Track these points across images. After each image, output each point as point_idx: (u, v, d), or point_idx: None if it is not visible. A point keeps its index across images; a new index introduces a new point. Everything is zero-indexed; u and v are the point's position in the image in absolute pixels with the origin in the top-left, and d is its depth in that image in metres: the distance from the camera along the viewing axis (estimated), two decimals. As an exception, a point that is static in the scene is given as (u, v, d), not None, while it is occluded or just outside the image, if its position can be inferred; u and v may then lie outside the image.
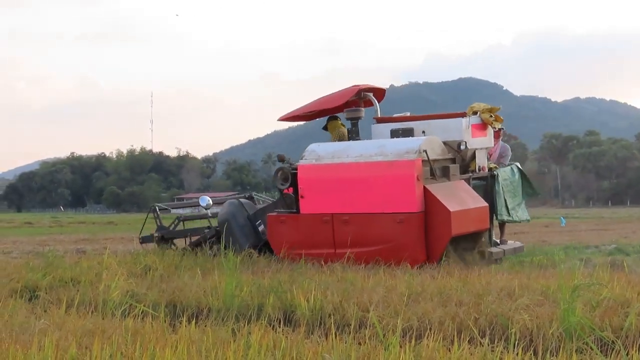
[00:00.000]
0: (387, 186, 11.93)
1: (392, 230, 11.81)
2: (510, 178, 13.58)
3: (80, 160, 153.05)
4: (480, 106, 13.34)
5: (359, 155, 12.42)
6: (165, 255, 12.77)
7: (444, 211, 11.55)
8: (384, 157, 12.10)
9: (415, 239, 11.65)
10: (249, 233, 14.14)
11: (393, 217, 11.82)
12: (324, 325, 7.09)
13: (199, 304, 8.36)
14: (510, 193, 13.45)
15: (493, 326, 6.69)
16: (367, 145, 12.72)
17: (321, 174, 12.65)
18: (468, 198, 12.23)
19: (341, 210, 12.31)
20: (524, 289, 8.24)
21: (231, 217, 14.44)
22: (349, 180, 12.33)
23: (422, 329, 6.61)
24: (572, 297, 6.41)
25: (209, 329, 6.33)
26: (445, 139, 12.71)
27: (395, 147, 12.25)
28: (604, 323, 6.38)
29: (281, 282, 8.74)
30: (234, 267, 9.08)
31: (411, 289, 8.40)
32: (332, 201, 12.46)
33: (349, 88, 14.07)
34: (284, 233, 12.83)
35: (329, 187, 12.52)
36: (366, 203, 12.11)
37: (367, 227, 12.08)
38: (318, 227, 12.47)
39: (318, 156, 12.81)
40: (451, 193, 11.99)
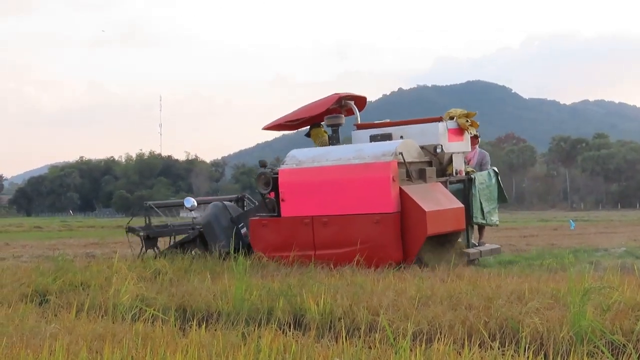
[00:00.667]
0: (364, 188, 12.26)
1: (369, 231, 12.11)
2: (487, 182, 13.96)
3: (89, 164, 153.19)
4: (457, 111, 13.70)
5: (337, 159, 12.80)
6: (175, 260, 12.80)
7: (420, 211, 11.86)
8: (361, 160, 12.46)
9: (392, 239, 11.96)
10: (231, 235, 14.34)
11: (370, 217, 12.15)
12: (334, 329, 7.09)
13: (209, 308, 8.36)
14: (486, 197, 13.86)
15: (503, 330, 6.67)
16: (346, 150, 13.09)
17: (301, 178, 13.01)
18: (444, 199, 12.55)
19: (320, 213, 12.67)
20: (534, 293, 8.22)
21: (214, 219, 14.83)
22: (327, 183, 12.67)
23: (432, 333, 6.60)
24: (583, 301, 6.39)
25: (219, 333, 6.33)
26: (423, 144, 13.13)
27: (372, 150, 12.63)
28: (615, 326, 6.35)
29: (291, 286, 8.76)
30: (244, 271, 9.09)
31: (421, 292, 8.39)
32: (311, 204, 12.79)
33: (330, 96, 14.47)
34: (266, 236, 13.17)
35: (308, 190, 12.86)
36: (344, 205, 12.45)
37: (345, 228, 12.38)
38: (298, 230, 12.80)
39: (298, 161, 13.22)
40: (427, 194, 12.31)
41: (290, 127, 15.86)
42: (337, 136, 14.20)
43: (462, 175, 13.58)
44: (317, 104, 14.70)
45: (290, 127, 15.78)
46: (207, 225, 14.88)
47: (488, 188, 13.95)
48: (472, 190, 13.50)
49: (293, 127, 15.79)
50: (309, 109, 14.85)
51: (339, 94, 14.44)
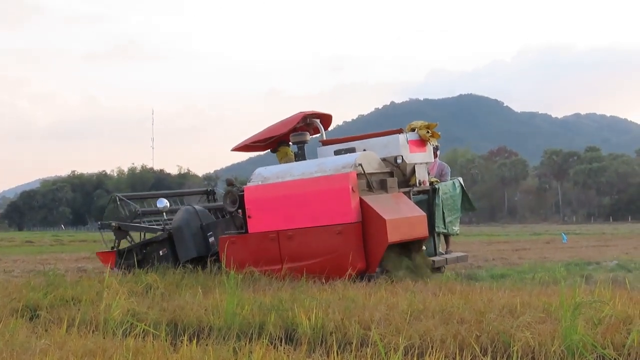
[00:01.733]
0: (326, 200, 12.46)
1: (332, 242, 12.31)
2: (451, 192, 14.24)
3: (82, 179, 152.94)
4: (418, 123, 13.88)
5: (301, 173, 13.03)
6: (166, 274, 12.79)
7: (380, 220, 12.06)
8: (322, 173, 12.70)
9: (354, 248, 12.12)
10: (199, 242, 14.74)
11: (332, 228, 12.35)
12: (326, 344, 7.07)
13: (200, 322, 8.34)
14: (449, 207, 14.14)
15: (495, 344, 6.66)
16: (309, 164, 13.33)
17: (266, 194, 13.21)
18: (405, 208, 12.76)
19: (285, 227, 12.88)
20: (525, 307, 8.22)
21: (184, 224, 15.06)
22: (291, 197, 12.88)
23: (424, 347, 6.59)
24: (574, 315, 6.39)
25: (210, 348, 6.31)
26: (385, 155, 13.40)
27: (333, 163, 12.87)
28: (606, 341, 6.35)
29: (282, 301, 8.73)
30: (235, 286, 9.07)
31: (413, 306, 8.38)
32: (277, 219, 13.02)
33: (295, 115, 14.81)
34: (235, 253, 13.24)
35: (273, 206, 13.09)
36: (308, 217, 12.67)
37: (309, 241, 12.61)
38: (265, 245, 13.03)
39: (264, 178, 13.47)
40: (387, 203, 12.50)
41: (258, 148, 16.08)
42: (303, 153, 14.41)
43: (426, 185, 13.79)
44: (282, 123, 15.02)
45: (258, 147, 16.01)
46: (178, 229, 15.12)
47: (452, 198, 14.23)
48: (435, 200, 13.79)
49: (261, 147, 16.02)
50: (275, 128, 15.14)
51: (304, 112, 14.79)
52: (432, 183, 14.01)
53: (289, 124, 14.73)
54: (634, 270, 15.58)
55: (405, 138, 13.54)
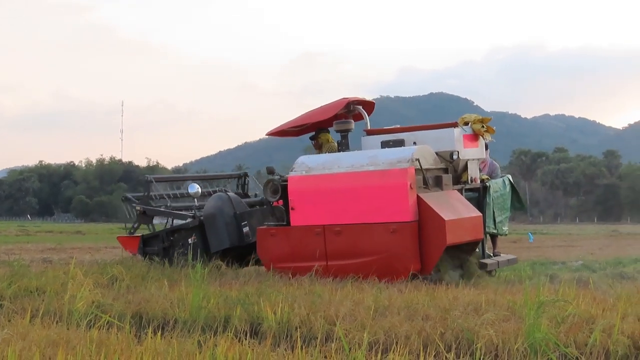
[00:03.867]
0: (380, 195, 11.76)
1: (385, 240, 11.63)
2: (501, 191, 13.51)
3: (49, 169, 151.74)
4: (472, 117, 13.21)
5: (350, 165, 12.25)
6: (132, 266, 12.71)
7: (439, 220, 11.38)
8: (375, 167, 11.95)
9: (409, 249, 11.48)
10: (232, 232, 13.88)
11: (386, 226, 11.64)
12: (291, 338, 7.07)
13: (166, 315, 8.31)
14: (499, 206, 13.39)
15: (459, 341, 6.70)
16: (358, 156, 12.54)
17: (312, 185, 12.45)
18: (462, 207, 12.09)
19: (333, 222, 12.14)
20: (490, 304, 8.29)
21: (218, 211, 14.15)
22: (340, 190, 12.15)
23: (388, 343, 6.61)
24: (537, 313, 6.44)
25: (174, 341, 6.29)
26: (437, 150, 12.59)
27: (387, 156, 12.10)
28: (569, 339, 6.42)
29: (248, 294, 8.73)
30: (202, 279, 9.06)
31: (378, 302, 8.41)
32: (323, 212, 12.27)
33: (338, 101, 13.97)
34: (274, 246, 12.63)
35: (319, 199, 12.34)
36: (358, 213, 11.94)
37: (359, 238, 11.89)
38: (309, 239, 12.26)
39: (308, 168, 12.63)
40: (445, 202, 11.83)
41: (294, 133, 15.19)
42: (347, 142, 13.78)
43: (477, 183, 13.12)
44: (324, 109, 14.21)
45: (294, 133, 15.13)
46: (210, 217, 14.21)
47: (502, 197, 13.53)
48: (486, 198, 13.07)
49: (296, 132, 15.15)
50: (315, 114, 14.34)
51: (348, 98, 13.97)
52: (483, 180, 13.30)
53: (332, 111, 13.90)
54: (598, 270, 15.74)
55: (461, 132, 12.90)
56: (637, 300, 8.53)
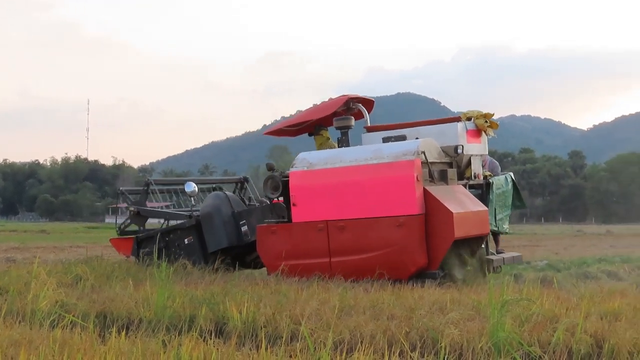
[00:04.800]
0: (386, 189, 11.53)
1: (391, 235, 11.39)
2: (503, 188, 13.38)
3: (13, 167, 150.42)
4: (474, 112, 13.06)
5: (353, 160, 12.02)
6: (97, 266, 12.62)
7: (446, 213, 11.18)
8: (380, 160, 11.72)
9: (416, 243, 11.24)
10: (231, 231, 13.66)
11: (392, 220, 11.40)
12: (256, 338, 7.06)
13: (130, 314, 8.26)
14: (501, 203, 13.25)
15: (424, 340, 6.72)
16: (362, 150, 12.30)
17: (314, 181, 12.24)
18: (468, 201, 11.92)
19: (336, 217, 11.89)
20: (455, 304, 8.33)
21: (215, 211, 13.90)
22: (343, 185, 11.93)
23: (353, 343, 6.61)
24: (501, 312, 6.48)
25: (138, 341, 6.25)
26: (441, 145, 12.41)
27: (392, 149, 11.86)
28: (533, 338, 6.46)
29: (214, 294, 8.71)
30: (167, 278, 9.02)
31: (344, 302, 8.42)
32: (326, 208, 12.04)
33: (337, 98, 13.79)
34: (275, 244, 12.39)
35: (322, 194, 12.11)
36: (363, 207, 11.71)
37: (364, 233, 11.65)
38: (312, 236, 12.04)
39: (309, 163, 12.40)
40: (451, 195, 11.67)
41: (291, 133, 14.89)
42: (347, 139, 13.52)
43: (480, 179, 12.95)
44: (323, 107, 14.03)
45: (291, 132, 14.83)
46: (207, 216, 13.92)
47: (504, 194, 13.37)
48: (489, 195, 12.89)
49: (294, 132, 14.83)
50: (315, 111, 14.15)
51: (348, 95, 13.79)
52: (486, 177, 13.10)
53: (331, 108, 13.66)
54: (562, 270, 15.86)
55: (464, 127, 12.65)
56: (600, 299, 8.63)
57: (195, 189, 14.74)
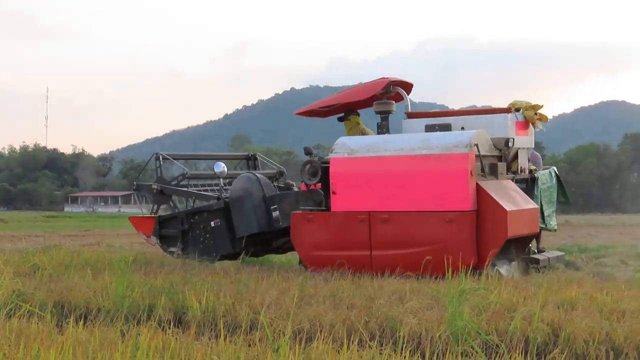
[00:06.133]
0: (435, 182, 11.03)
1: (439, 230, 10.91)
2: (549, 183, 12.86)
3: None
4: (523, 103, 12.47)
5: (399, 148, 11.42)
6: (55, 255, 12.50)
7: (500, 211, 10.73)
8: (429, 151, 11.16)
9: (466, 241, 10.77)
10: (261, 216, 12.94)
11: (442, 215, 10.91)
12: (216, 327, 7.05)
13: (89, 304, 8.20)
14: (547, 199, 12.67)
15: (383, 329, 6.76)
16: (408, 139, 11.69)
17: (356, 169, 11.65)
18: (519, 198, 11.47)
19: (380, 208, 11.33)
20: (415, 293, 8.40)
21: (246, 194, 13.12)
22: (388, 175, 11.36)
23: (312, 332, 6.63)
24: (459, 301, 6.53)
25: (96, 330, 6.22)
26: (490, 136, 11.82)
27: (441, 140, 11.29)
28: (490, 327, 6.53)
29: (173, 283, 8.69)
30: (126, 267, 8.98)
31: (304, 291, 8.45)
32: (369, 198, 11.46)
33: (377, 81, 13.07)
34: (311, 232, 11.84)
35: (365, 183, 11.55)
36: (409, 200, 11.19)
37: (410, 227, 11.13)
38: (352, 227, 11.49)
39: (350, 150, 11.76)
40: (504, 192, 11.22)
41: (322, 114, 14.21)
42: (387, 125, 12.71)
43: (526, 173, 12.35)
44: (361, 89, 13.29)
45: (322, 113, 14.15)
46: (237, 200, 13.09)
47: (549, 189, 12.76)
48: (534, 190, 12.24)
49: (324, 113, 14.15)
50: (352, 93, 13.47)
51: (388, 78, 12.98)
52: (532, 171, 12.48)
53: (369, 91, 12.88)
54: (520, 259, 15.98)
55: (514, 118, 12.09)
56: (557, 288, 8.74)
57: (224, 169, 13.84)
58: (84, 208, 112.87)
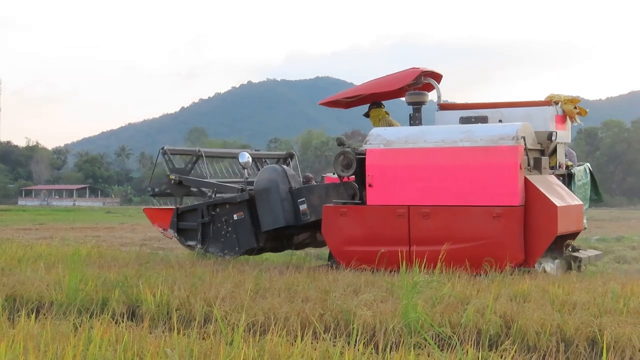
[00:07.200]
0: (481, 175, 10.63)
1: (485, 226, 10.52)
2: (584, 180, 12.62)
3: None
4: (561, 96, 12.07)
5: (440, 140, 10.98)
6: (7, 249, 12.37)
7: (550, 206, 10.38)
8: (472, 143, 10.75)
9: (515, 237, 10.39)
10: (288, 209, 12.43)
11: (488, 210, 10.50)
12: (170, 320, 7.03)
13: (41, 298, 8.12)
14: (582, 196, 12.28)
15: (338, 321, 6.79)
16: (449, 130, 11.24)
17: (394, 161, 11.19)
18: (565, 194, 11.11)
19: (420, 202, 10.88)
20: (369, 285, 8.45)
21: (273, 185, 12.56)
22: (429, 167, 10.95)
23: (267, 325, 6.64)
24: (412, 293, 6.58)
25: (48, 324, 6.16)
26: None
27: (485, 132, 10.89)
28: (444, 319, 6.59)
29: (128, 277, 8.64)
30: (80, 261, 8.90)
31: (259, 284, 8.45)
32: (408, 191, 11.00)
33: (408, 71, 12.66)
34: (344, 227, 11.35)
35: (403, 176, 11.09)
36: (452, 194, 10.78)
37: (453, 222, 10.74)
38: (389, 221, 10.99)
39: (387, 141, 11.28)
40: (550, 187, 10.87)
41: (344, 104, 13.73)
42: (420, 116, 12.18)
43: (563, 169, 11.96)
44: (391, 79, 12.79)
45: (345, 104, 13.68)
46: (263, 191, 12.54)
47: (584, 186, 12.55)
48: (571, 187, 11.89)
49: (347, 104, 13.69)
50: (381, 83, 12.94)
51: (420, 68, 12.52)
52: (568, 167, 12.14)
53: (400, 82, 12.46)
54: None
55: (554, 111, 11.72)
56: (510, 281, 8.84)
57: (249, 159, 13.23)
58: (39, 201, 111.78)
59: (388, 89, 12.78)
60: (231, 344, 5.38)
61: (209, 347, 5.48)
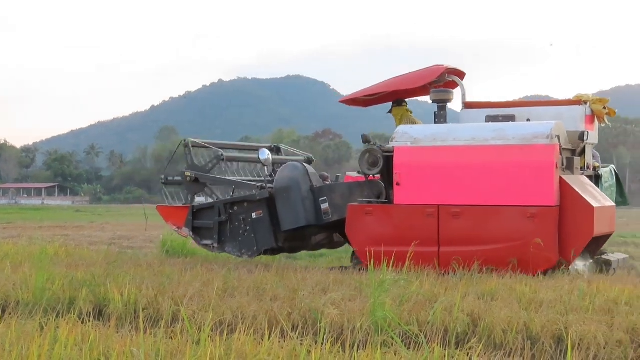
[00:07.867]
0: (515, 174, 10.36)
1: (518, 226, 10.26)
2: (610, 181, 12.40)
3: None
4: (589, 96, 11.82)
5: (470, 138, 10.74)
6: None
7: (586, 207, 10.18)
8: (504, 141, 10.53)
9: (550, 238, 10.12)
10: (309, 208, 12.00)
11: (522, 210, 10.24)
12: (137, 320, 7.00)
13: (7, 297, 8.06)
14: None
15: (306, 320, 6.80)
16: (479, 129, 11.01)
17: (422, 159, 10.94)
18: (598, 195, 10.88)
19: (451, 202, 10.63)
20: (338, 284, 8.47)
21: (294, 184, 12.11)
22: (459, 166, 10.68)
23: (235, 324, 6.63)
24: (380, 292, 6.59)
25: (13, 323, 6.11)
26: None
27: (518, 130, 10.65)
28: (412, 317, 6.62)
29: (95, 276, 8.59)
30: (47, 260, 8.84)
31: (227, 283, 8.45)
32: (437, 190, 10.75)
33: (432, 68, 12.39)
34: (370, 226, 11.09)
35: (433, 175, 10.84)
36: (484, 193, 10.51)
37: (484, 222, 10.48)
38: (418, 221, 10.73)
39: (414, 139, 11.04)
40: (585, 187, 10.66)
41: (363, 103, 13.43)
42: (445, 114, 12.00)
43: (591, 170, 11.71)
44: (415, 76, 12.50)
45: (364, 102, 13.40)
46: (284, 190, 12.09)
47: (610, 188, 12.28)
48: (598, 188, 11.56)
49: (366, 102, 13.41)
50: (404, 81, 12.64)
51: (444, 66, 12.26)
52: (595, 168, 11.90)
53: (423, 79, 12.19)
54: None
55: (584, 111, 11.44)
56: (478, 280, 8.88)
57: (269, 156, 12.95)
58: (6, 200, 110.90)
59: (410, 87, 12.53)
60: (198, 343, 5.37)
61: (176, 346, 5.46)
